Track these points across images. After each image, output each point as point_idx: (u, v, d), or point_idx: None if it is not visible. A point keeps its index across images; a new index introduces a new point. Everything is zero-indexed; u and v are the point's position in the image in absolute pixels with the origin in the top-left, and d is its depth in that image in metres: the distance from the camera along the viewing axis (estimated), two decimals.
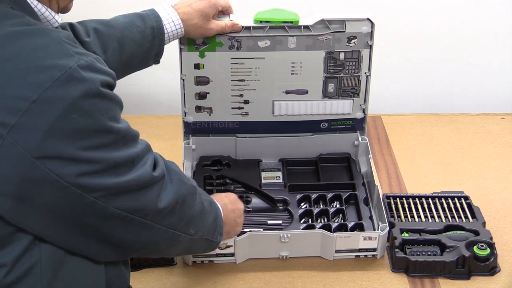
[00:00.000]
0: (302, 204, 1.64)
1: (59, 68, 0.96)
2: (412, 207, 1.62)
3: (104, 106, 1.00)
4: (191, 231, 1.21)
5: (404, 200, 1.64)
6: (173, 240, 1.19)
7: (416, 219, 1.59)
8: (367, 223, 1.56)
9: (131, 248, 1.14)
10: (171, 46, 1.56)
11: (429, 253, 1.49)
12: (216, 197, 1.40)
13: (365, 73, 1.66)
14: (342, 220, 1.57)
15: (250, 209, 1.61)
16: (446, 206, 1.62)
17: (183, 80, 1.65)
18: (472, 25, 2.07)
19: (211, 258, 1.50)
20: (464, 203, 1.62)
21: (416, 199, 1.64)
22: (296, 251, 1.51)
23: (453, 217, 1.59)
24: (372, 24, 1.60)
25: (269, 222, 1.59)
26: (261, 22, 1.58)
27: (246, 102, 1.69)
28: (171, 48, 1.57)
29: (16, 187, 0.97)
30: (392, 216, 1.59)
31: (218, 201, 1.37)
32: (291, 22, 1.58)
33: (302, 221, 1.59)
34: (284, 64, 1.64)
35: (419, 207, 1.62)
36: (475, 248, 1.47)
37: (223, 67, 1.63)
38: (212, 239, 1.31)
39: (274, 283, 1.47)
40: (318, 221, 1.59)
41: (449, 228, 1.55)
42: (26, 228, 1.03)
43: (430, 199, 1.64)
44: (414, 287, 1.46)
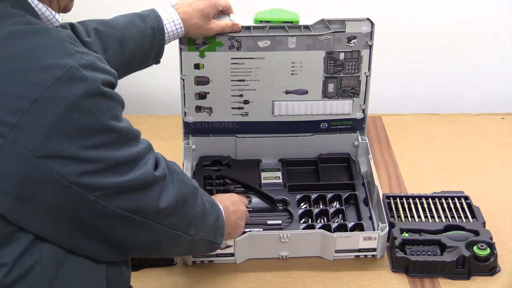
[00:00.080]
0: (302, 204, 1.64)
1: (60, 67, 0.96)
2: (412, 207, 1.62)
3: (106, 105, 1.00)
4: (192, 231, 1.21)
5: (404, 200, 1.64)
6: (174, 240, 1.19)
7: (416, 219, 1.59)
8: (367, 223, 1.55)
9: (131, 248, 1.14)
10: (171, 46, 1.56)
11: (429, 253, 1.49)
12: (218, 198, 1.40)
13: (365, 73, 1.65)
14: (342, 220, 1.57)
15: (250, 209, 1.61)
16: (446, 206, 1.62)
17: (183, 80, 1.64)
18: (472, 25, 2.07)
19: (211, 258, 1.50)
20: (464, 203, 1.62)
21: (416, 199, 1.64)
22: (296, 251, 1.51)
23: (453, 217, 1.59)
24: (372, 24, 1.60)
25: (269, 222, 1.59)
26: (261, 22, 1.58)
27: (246, 102, 1.68)
28: (171, 48, 1.57)
29: (17, 187, 0.97)
30: (392, 216, 1.59)
31: (220, 202, 1.37)
32: (291, 22, 1.58)
33: (302, 221, 1.58)
34: (284, 64, 1.63)
35: (419, 207, 1.62)
36: (475, 248, 1.47)
37: (223, 67, 1.63)
38: (213, 240, 1.31)
39: (274, 283, 1.47)
40: (318, 221, 1.59)
41: (449, 228, 1.55)
42: (26, 228, 1.02)
43: (430, 199, 1.64)
44: (414, 287, 1.46)
